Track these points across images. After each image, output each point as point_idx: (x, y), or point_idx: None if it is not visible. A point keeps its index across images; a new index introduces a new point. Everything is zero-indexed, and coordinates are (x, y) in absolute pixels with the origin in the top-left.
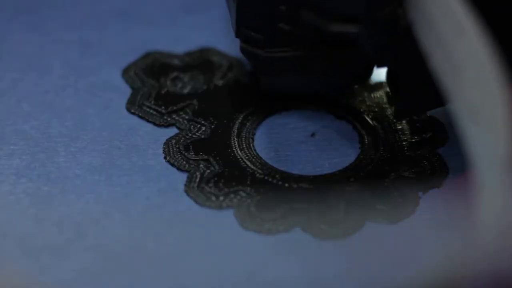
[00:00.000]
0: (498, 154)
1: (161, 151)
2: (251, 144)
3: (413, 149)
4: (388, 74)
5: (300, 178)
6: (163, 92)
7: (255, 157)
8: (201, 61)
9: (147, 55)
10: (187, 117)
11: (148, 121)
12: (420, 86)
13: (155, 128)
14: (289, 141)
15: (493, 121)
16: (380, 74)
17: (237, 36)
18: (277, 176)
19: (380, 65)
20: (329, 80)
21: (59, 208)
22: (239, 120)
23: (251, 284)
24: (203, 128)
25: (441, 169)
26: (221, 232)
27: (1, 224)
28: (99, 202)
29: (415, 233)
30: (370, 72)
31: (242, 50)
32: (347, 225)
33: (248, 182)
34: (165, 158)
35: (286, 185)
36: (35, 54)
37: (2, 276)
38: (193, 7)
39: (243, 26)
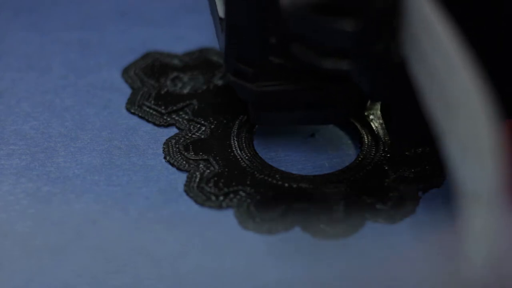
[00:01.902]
0: (486, 188)
1: (161, 151)
2: (251, 144)
3: (413, 149)
4: (382, 107)
5: (300, 178)
6: (163, 92)
7: (255, 157)
8: (201, 61)
9: (147, 55)
10: (187, 117)
11: (148, 121)
12: (413, 120)
13: (155, 128)
14: (289, 141)
15: (483, 157)
16: None
17: (226, 68)
18: (277, 176)
19: (373, 100)
20: (321, 113)
21: (59, 208)
22: (239, 120)
23: (251, 284)
24: (203, 128)
25: (441, 169)
26: (221, 232)
27: (1, 224)
28: (99, 202)
29: (415, 233)
30: (363, 105)
31: (232, 83)
32: (347, 225)
33: (248, 182)
34: (165, 158)
35: (286, 185)
36: (35, 54)
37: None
38: (193, 7)
39: (232, 58)
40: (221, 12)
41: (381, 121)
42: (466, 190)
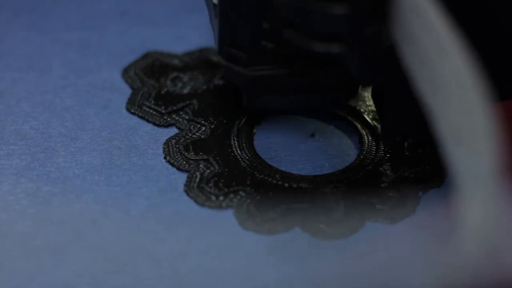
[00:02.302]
0: (481, 171)
1: (161, 151)
2: (251, 144)
3: (413, 149)
4: (373, 92)
5: (300, 178)
6: (163, 92)
7: (255, 157)
8: (201, 61)
9: (147, 55)
10: (187, 117)
11: (148, 121)
12: (404, 105)
13: (155, 128)
14: (289, 141)
15: (476, 139)
16: None
17: (220, 54)
18: (277, 176)
19: (364, 84)
20: (313, 98)
21: (59, 208)
22: (239, 120)
23: (251, 284)
24: (203, 128)
25: (441, 169)
26: (221, 232)
27: (1, 224)
28: (99, 202)
29: (415, 233)
30: (355, 90)
31: (225, 68)
32: (347, 225)
33: (248, 182)
34: (165, 158)
35: (286, 185)
36: (35, 54)
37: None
38: (193, 7)
39: (226, 44)
40: None
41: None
42: (460, 173)
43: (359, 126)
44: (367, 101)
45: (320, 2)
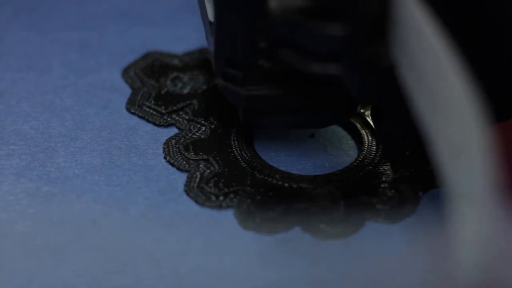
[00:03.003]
0: (476, 190)
1: (161, 151)
2: (251, 144)
3: (413, 149)
4: (373, 110)
5: (300, 178)
6: (163, 92)
7: (255, 157)
8: (201, 61)
9: (147, 55)
10: (187, 117)
11: (148, 121)
12: (403, 124)
13: (155, 128)
14: (289, 141)
15: (472, 159)
16: None
17: (216, 72)
18: (277, 176)
19: (363, 103)
20: (311, 118)
21: (59, 208)
22: (239, 120)
23: (251, 284)
24: (203, 128)
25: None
26: (221, 232)
27: (1, 224)
28: (99, 202)
29: (415, 233)
30: (354, 109)
31: (221, 87)
32: (347, 225)
33: (248, 182)
34: (165, 158)
35: (286, 185)
36: (35, 54)
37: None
38: (193, 7)
39: (222, 62)
40: (210, 15)
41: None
42: (457, 192)
43: (359, 126)
44: None
45: (317, 22)
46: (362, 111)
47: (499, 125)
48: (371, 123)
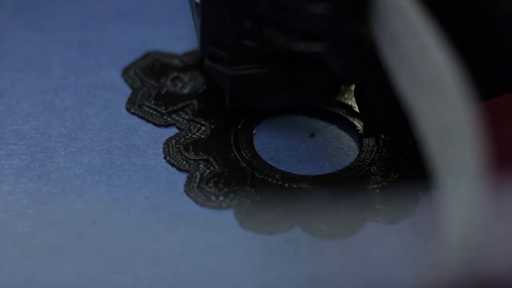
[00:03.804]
0: (463, 168)
1: (161, 151)
2: (251, 144)
3: (413, 149)
4: (356, 90)
5: (300, 178)
6: (163, 92)
7: (255, 157)
8: (201, 61)
9: (147, 55)
10: (187, 117)
11: (148, 121)
12: (386, 104)
13: (155, 128)
14: (289, 141)
15: (458, 137)
16: None
17: (202, 53)
18: (277, 176)
19: (346, 83)
20: (296, 97)
21: (59, 208)
22: (239, 120)
23: (251, 284)
24: (203, 128)
25: None
26: (221, 232)
27: (1, 224)
28: (99, 202)
29: (415, 233)
30: (338, 88)
31: (207, 67)
32: (347, 225)
33: (248, 182)
34: (165, 158)
35: (286, 185)
36: (35, 54)
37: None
38: None
39: (208, 43)
40: None
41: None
42: (443, 172)
43: (359, 126)
44: None
45: (300, 0)
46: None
47: (484, 102)
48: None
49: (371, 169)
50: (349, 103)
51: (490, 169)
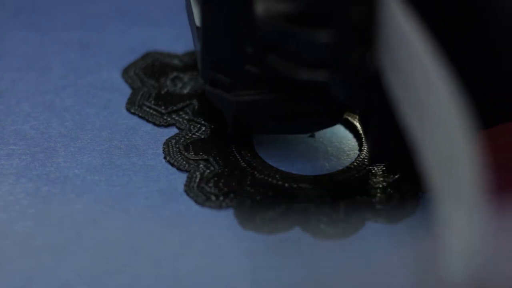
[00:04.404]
0: (464, 196)
1: (161, 151)
2: (251, 144)
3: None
4: (360, 115)
5: (300, 178)
6: (163, 92)
7: (255, 157)
8: None
9: (147, 55)
10: (187, 117)
11: (148, 121)
12: (390, 130)
13: (155, 128)
14: (289, 141)
15: (459, 164)
16: None
17: (203, 78)
18: (277, 176)
19: (350, 109)
20: (298, 123)
21: (59, 208)
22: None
23: (251, 284)
24: (203, 128)
25: None
26: (221, 232)
27: (1, 224)
28: (99, 202)
29: (415, 233)
30: (342, 114)
31: (208, 93)
32: (347, 225)
33: (248, 182)
34: (165, 158)
35: (286, 185)
36: (35, 54)
37: None
38: None
39: (209, 68)
40: (197, 21)
41: None
42: (445, 198)
43: (359, 126)
44: None
45: (303, 28)
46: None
47: (486, 131)
48: (360, 128)
49: (371, 169)
50: None
51: (490, 197)
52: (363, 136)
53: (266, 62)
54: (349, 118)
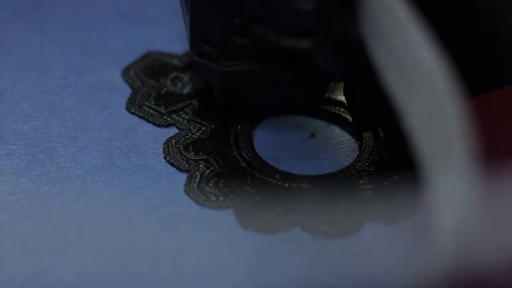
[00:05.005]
0: (454, 161)
1: (161, 151)
2: (251, 144)
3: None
4: (345, 87)
5: (300, 178)
6: (163, 92)
7: (255, 157)
8: None
9: (147, 55)
10: (187, 117)
11: (148, 121)
12: (375, 99)
13: (155, 128)
14: (289, 141)
15: (447, 130)
16: None
17: (191, 49)
18: (277, 176)
19: (335, 79)
20: (286, 94)
21: (59, 208)
22: (239, 120)
23: (251, 284)
24: (203, 128)
25: None
26: (221, 232)
27: (1, 224)
28: (99, 202)
29: (415, 233)
30: (327, 86)
31: (196, 63)
32: (347, 225)
33: (248, 182)
34: (165, 158)
35: (286, 185)
36: (35, 54)
37: None
38: None
39: (197, 39)
40: None
41: None
42: (433, 166)
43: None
44: None
45: None
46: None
47: (473, 99)
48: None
49: (371, 169)
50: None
51: (480, 163)
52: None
53: (252, 32)
54: (349, 119)
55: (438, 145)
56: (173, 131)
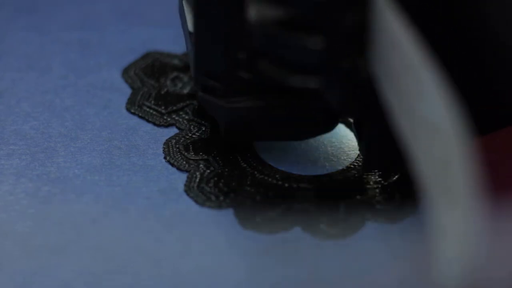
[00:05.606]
0: (460, 202)
1: (161, 151)
2: (251, 144)
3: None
4: (355, 124)
5: (300, 178)
6: (163, 92)
7: (255, 157)
8: None
9: (147, 55)
10: (187, 117)
11: (148, 121)
12: (384, 138)
13: (155, 128)
14: (289, 141)
15: (454, 169)
16: None
17: (195, 84)
18: (277, 176)
19: (343, 116)
20: (292, 130)
21: (59, 208)
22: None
23: (251, 284)
24: (203, 128)
25: None
26: (221, 232)
27: (1, 224)
28: (99, 202)
29: (415, 233)
30: (335, 121)
31: (201, 99)
32: (347, 225)
33: (248, 182)
34: (165, 158)
35: (286, 185)
36: (35, 54)
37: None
38: None
39: (201, 73)
40: (190, 26)
41: None
42: (440, 204)
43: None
44: None
45: (295, 34)
46: None
47: (482, 137)
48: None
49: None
50: None
51: (486, 201)
52: (357, 143)
53: (258, 68)
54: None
55: (444, 182)
56: (173, 131)
